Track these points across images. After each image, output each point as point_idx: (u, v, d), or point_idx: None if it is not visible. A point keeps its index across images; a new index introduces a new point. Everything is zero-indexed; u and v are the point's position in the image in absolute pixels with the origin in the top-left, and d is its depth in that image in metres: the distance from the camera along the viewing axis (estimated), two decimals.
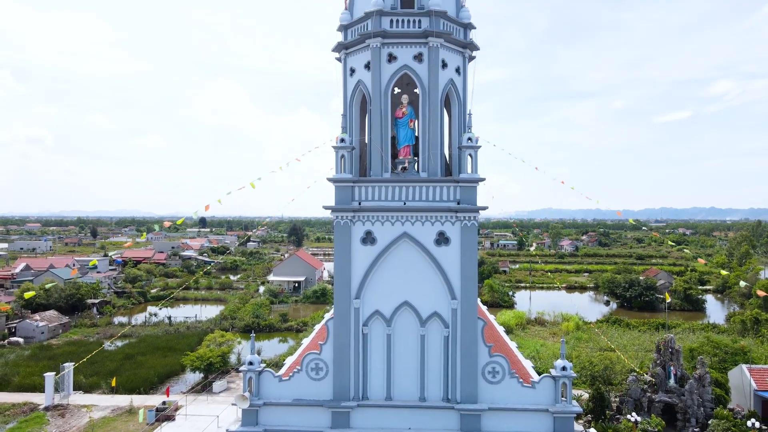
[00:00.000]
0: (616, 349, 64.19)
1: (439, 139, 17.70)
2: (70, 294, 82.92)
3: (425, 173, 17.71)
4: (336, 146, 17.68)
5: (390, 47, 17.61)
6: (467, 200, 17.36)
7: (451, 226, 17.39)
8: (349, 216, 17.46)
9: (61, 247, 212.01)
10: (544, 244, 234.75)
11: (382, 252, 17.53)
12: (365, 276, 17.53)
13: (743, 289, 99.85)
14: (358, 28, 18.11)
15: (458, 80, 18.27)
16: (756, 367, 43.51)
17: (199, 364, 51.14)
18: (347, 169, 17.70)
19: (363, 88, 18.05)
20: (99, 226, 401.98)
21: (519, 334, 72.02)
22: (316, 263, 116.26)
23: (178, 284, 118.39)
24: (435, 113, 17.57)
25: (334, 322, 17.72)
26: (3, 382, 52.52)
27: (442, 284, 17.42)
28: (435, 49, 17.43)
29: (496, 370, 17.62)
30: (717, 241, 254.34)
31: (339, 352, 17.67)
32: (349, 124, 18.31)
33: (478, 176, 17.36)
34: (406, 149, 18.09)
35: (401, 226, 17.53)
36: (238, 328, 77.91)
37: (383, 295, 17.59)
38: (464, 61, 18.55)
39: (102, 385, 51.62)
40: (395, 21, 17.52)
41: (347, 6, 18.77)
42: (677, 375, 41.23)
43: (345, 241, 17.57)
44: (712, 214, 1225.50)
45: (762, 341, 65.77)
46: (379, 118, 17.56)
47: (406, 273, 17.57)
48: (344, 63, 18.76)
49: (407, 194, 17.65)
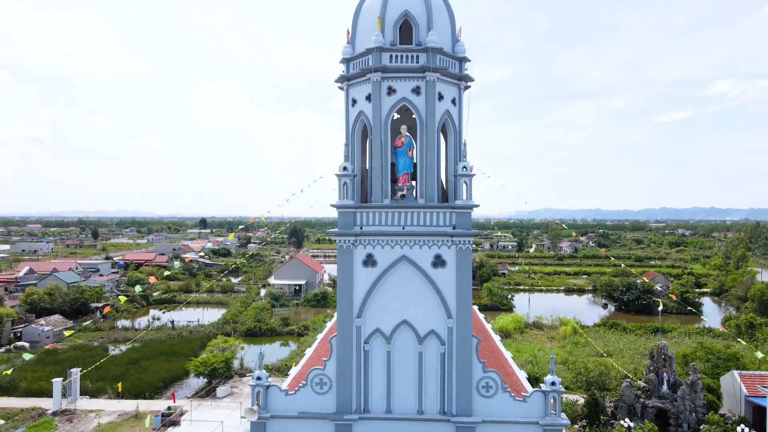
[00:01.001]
0: (613, 353, 65.36)
1: (435, 168, 18.77)
2: (74, 298, 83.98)
3: (423, 199, 18.79)
4: (339, 174, 18.77)
5: (389, 81, 18.69)
6: (462, 225, 18.45)
7: (447, 249, 18.47)
8: (351, 240, 18.55)
9: (62, 249, 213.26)
10: (543, 246, 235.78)
11: (383, 274, 18.61)
12: (366, 296, 18.61)
13: (739, 293, 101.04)
14: (359, 62, 19.18)
15: (454, 111, 19.35)
16: (747, 373, 44.57)
17: (203, 369, 52.22)
18: (349, 195, 18.78)
19: (364, 118, 19.12)
20: (100, 227, 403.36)
21: (517, 339, 73.13)
22: (316, 266, 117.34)
23: (180, 287, 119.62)
24: (432, 143, 18.65)
25: (337, 340, 18.81)
26: (11, 387, 53.64)
27: (438, 304, 18.50)
28: (432, 83, 18.51)
29: (489, 385, 18.70)
30: (716, 243, 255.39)
31: (342, 368, 18.76)
32: (351, 152, 19.38)
33: (472, 203, 18.46)
34: (405, 176, 19.18)
35: (400, 249, 18.61)
36: (240, 332, 79.03)
37: (383, 314, 18.67)
38: (460, 92, 19.63)
39: (108, 390, 52.67)
40: (394, 56, 18.59)
41: (349, 40, 19.82)
42: (670, 381, 42.33)
43: (347, 264, 18.66)
44: (712, 214, 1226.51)
45: (756, 346, 66.87)
46: (379, 148, 18.65)
47: (404, 293, 18.65)
48: (346, 94, 19.83)
49: (406, 219, 18.73)
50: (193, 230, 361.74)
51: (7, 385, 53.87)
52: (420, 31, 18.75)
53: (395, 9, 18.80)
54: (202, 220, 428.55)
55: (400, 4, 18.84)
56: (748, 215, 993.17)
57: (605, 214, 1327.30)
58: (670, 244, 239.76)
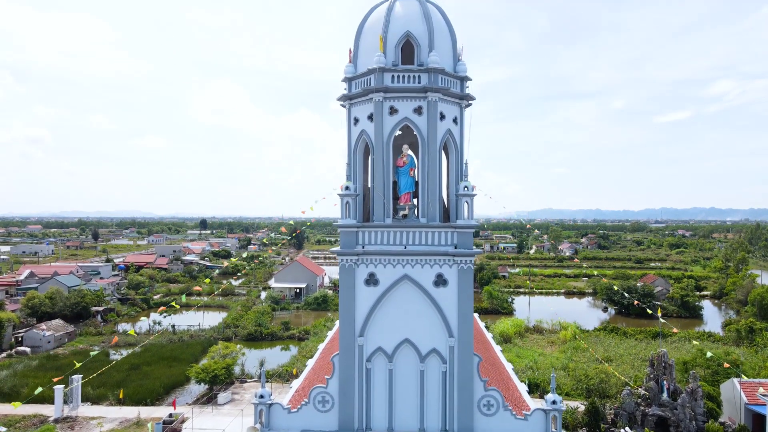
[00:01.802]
0: (613, 358, 65.48)
1: (437, 187, 18.90)
2: (75, 302, 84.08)
3: (424, 219, 18.91)
4: (341, 194, 18.89)
5: (391, 101, 18.80)
6: (464, 245, 18.57)
7: (449, 268, 18.59)
8: (354, 259, 18.66)
9: (62, 251, 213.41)
10: (543, 248, 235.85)
11: (385, 293, 18.73)
12: (368, 315, 18.73)
13: (739, 296, 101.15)
14: (361, 82, 19.29)
15: (455, 130, 19.47)
16: (747, 380, 44.64)
17: (204, 376, 52.31)
18: (352, 215, 18.91)
19: (366, 138, 19.24)
20: (100, 227, 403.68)
21: (517, 344, 73.23)
22: (317, 269, 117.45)
23: (180, 290, 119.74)
24: (434, 163, 18.77)
25: (340, 358, 18.93)
26: (12, 393, 53.74)
27: (440, 323, 18.62)
28: (434, 103, 18.62)
29: (490, 403, 18.82)
30: (716, 244, 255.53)
31: (344, 386, 18.89)
32: (353, 171, 19.51)
33: (473, 223, 18.59)
34: (407, 196, 19.29)
35: (402, 268, 18.73)
36: (240, 336, 79.16)
37: (385, 333, 18.79)
38: (461, 111, 19.75)
39: (109, 397, 52.78)
40: (396, 77, 18.71)
41: (351, 59, 19.94)
42: (670, 389, 42.43)
43: (350, 283, 18.78)
44: (712, 215, 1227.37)
45: (756, 351, 66.99)
46: (381, 167, 18.76)
47: (406, 312, 18.77)
48: (348, 112, 19.95)
49: (408, 239, 18.86)
50: (194, 231, 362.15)
51: (9, 392, 54.04)
52: (422, 51, 18.87)
53: (397, 30, 18.91)
54: (203, 221, 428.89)
55: (402, 25, 18.95)
56: (749, 215, 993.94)
57: (605, 214, 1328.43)
58: (671, 245, 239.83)
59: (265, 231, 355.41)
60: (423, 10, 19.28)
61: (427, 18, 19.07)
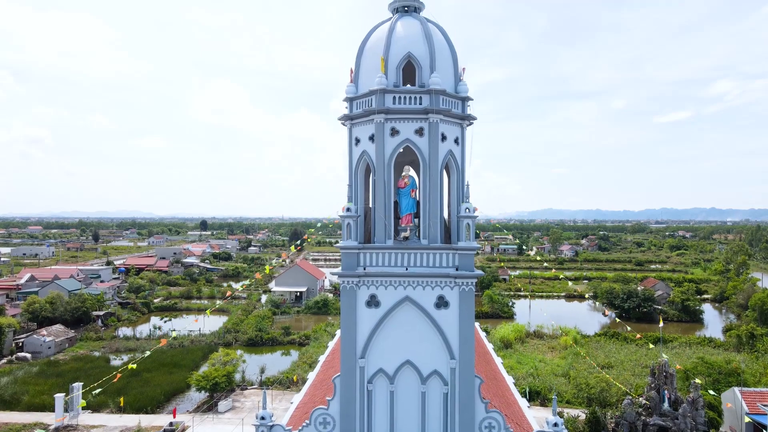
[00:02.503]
0: (614, 365, 65.47)
1: (438, 209, 18.84)
2: (76, 307, 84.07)
3: (426, 240, 18.86)
4: (343, 215, 18.86)
5: (393, 122, 18.75)
6: (465, 266, 18.53)
7: (450, 290, 18.55)
8: (355, 281, 18.63)
9: (63, 252, 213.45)
10: (544, 249, 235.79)
11: (386, 314, 18.68)
12: (370, 337, 18.68)
13: (740, 300, 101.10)
14: (363, 102, 19.25)
15: (457, 150, 19.43)
16: (748, 390, 44.67)
17: (205, 384, 52.30)
18: (353, 236, 18.86)
19: (367, 158, 19.20)
20: (100, 228, 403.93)
21: (518, 349, 73.26)
22: (317, 273, 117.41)
23: (180, 293, 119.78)
24: (435, 184, 18.72)
25: (341, 380, 18.89)
26: (13, 401, 53.71)
27: (441, 345, 18.57)
28: (435, 124, 18.58)
29: (492, 425, 18.77)
30: (716, 245, 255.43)
31: (345, 408, 18.84)
32: (354, 192, 19.46)
33: (474, 244, 18.54)
34: (408, 217, 19.23)
35: (403, 290, 18.69)
36: (241, 341, 79.18)
37: (387, 355, 18.74)
38: (462, 131, 19.70)
39: (110, 404, 52.75)
40: (398, 98, 18.66)
41: (352, 79, 19.90)
42: (671, 398, 42.39)
43: (351, 304, 18.73)
44: (713, 215, 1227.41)
45: (757, 357, 66.95)
46: (382, 189, 18.71)
47: (407, 334, 18.71)
48: (350, 132, 19.89)
49: (409, 260, 18.82)
50: (194, 232, 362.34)
51: (9, 399, 54.01)
52: (423, 72, 18.82)
53: (398, 51, 18.86)
54: (203, 222, 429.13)
55: (403, 46, 18.90)
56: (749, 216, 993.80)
57: (605, 214, 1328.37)
58: (671, 247, 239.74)
59: (266, 232, 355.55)
60: (424, 30, 19.24)
61: (429, 39, 19.03)
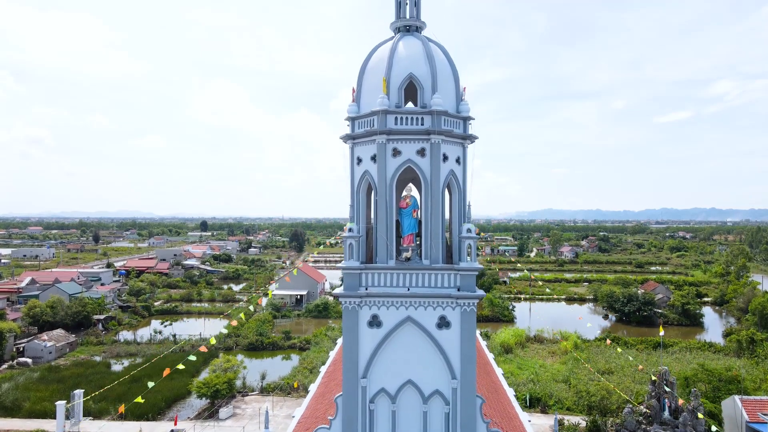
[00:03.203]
0: (614, 370, 65.52)
1: (440, 229, 18.90)
2: (77, 311, 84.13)
3: (427, 261, 18.92)
4: (345, 236, 18.93)
5: (394, 143, 18.82)
6: (467, 287, 18.59)
7: (452, 311, 18.61)
8: (357, 301, 18.69)
9: (63, 254, 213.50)
10: (544, 251, 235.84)
11: (388, 334, 18.74)
12: (372, 356, 18.74)
13: (740, 304, 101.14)
14: (365, 122, 19.31)
15: (458, 170, 19.49)
16: (748, 398, 44.67)
17: (206, 391, 52.35)
18: (355, 256, 18.92)
19: (369, 178, 19.25)
20: (100, 229, 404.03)
21: (518, 354, 73.30)
22: (317, 276, 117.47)
23: (181, 296, 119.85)
24: (437, 205, 18.78)
25: (343, 399, 18.95)
26: (14, 407, 53.80)
27: (443, 364, 18.64)
28: (437, 145, 18.64)
29: None
30: (717, 246, 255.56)
31: (347, 427, 18.90)
32: (356, 212, 19.53)
33: (476, 265, 18.61)
34: (410, 237, 19.30)
35: (405, 310, 18.75)
36: (242, 345, 79.25)
37: (388, 374, 18.80)
38: (464, 151, 19.76)
39: (111, 411, 52.88)
40: (399, 119, 18.73)
41: (354, 98, 19.96)
42: (671, 407, 42.42)
43: (353, 325, 18.79)
44: (713, 215, 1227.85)
45: (757, 362, 67.00)
46: (384, 209, 18.78)
47: (409, 354, 18.78)
48: (351, 152, 19.95)
49: (411, 281, 18.88)
50: (194, 233, 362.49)
51: (11, 406, 54.09)
52: (425, 93, 18.88)
53: (400, 72, 18.91)
54: (203, 223, 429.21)
55: (405, 67, 18.95)
56: (749, 216, 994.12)
57: (606, 214, 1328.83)
58: (671, 248, 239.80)
59: (266, 233, 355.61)
60: (426, 51, 19.29)
61: (430, 59, 19.08)
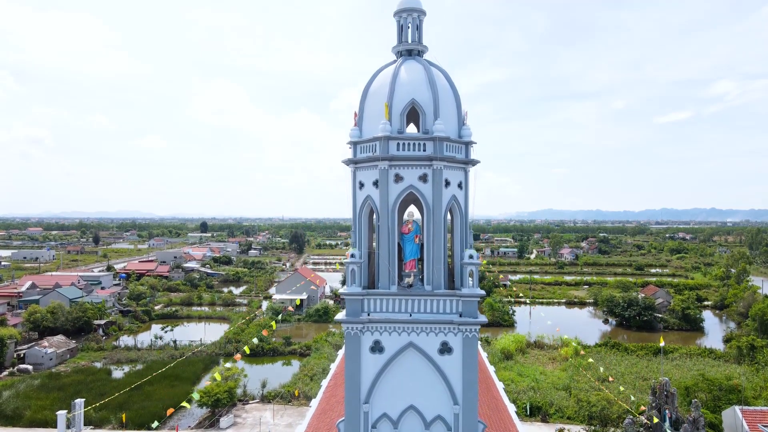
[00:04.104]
0: (614, 377, 65.56)
1: (442, 254, 18.89)
2: (77, 317, 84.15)
3: (429, 286, 18.93)
4: (347, 262, 18.95)
5: (397, 168, 18.80)
6: (468, 313, 18.60)
7: (454, 336, 18.62)
8: (359, 327, 18.71)
9: (63, 255, 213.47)
10: (544, 252, 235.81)
11: (390, 360, 18.73)
12: (374, 382, 18.74)
13: (741, 308, 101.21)
14: (367, 147, 19.29)
15: (460, 195, 19.48)
16: (748, 408, 44.78)
17: (207, 400, 52.41)
18: (357, 282, 18.93)
19: (371, 203, 19.25)
20: (100, 229, 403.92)
21: (519, 360, 73.38)
22: (318, 280, 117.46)
23: (181, 300, 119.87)
24: (439, 230, 18.77)
25: (345, 425, 18.95)
26: (15, 416, 53.87)
27: (445, 390, 18.64)
28: (439, 171, 18.64)
29: None
30: (717, 248, 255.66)
31: None
32: (358, 238, 19.54)
33: (478, 291, 18.60)
34: (412, 263, 19.30)
35: (407, 336, 18.75)
36: (242, 352, 79.22)
37: (390, 400, 18.80)
38: (466, 175, 19.75)
39: (112, 420, 52.95)
40: (401, 144, 18.73)
41: (356, 122, 19.96)
42: (672, 418, 42.50)
43: (355, 351, 18.79)
44: (713, 215, 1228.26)
45: (757, 369, 67.07)
46: (386, 235, 18.77)
47: (411, 379, 18.77)
48: (354, 176, 19.94)
49: (413, 306, 18.88)
50: (194, 234, 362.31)
51: (12, 414, 54.17)
52: (427, 119, 18.87)
53: (403, 97, 18.91)
54: (203, 224, 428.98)
55: (407, 92, 18.95)
56: (749, 216, 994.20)
57: (606, 215, 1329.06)
58: (671, 250, 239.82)
59: (266, 234, 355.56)
60: (428, 76, 19.28)
61: (432, 84, 19.07)
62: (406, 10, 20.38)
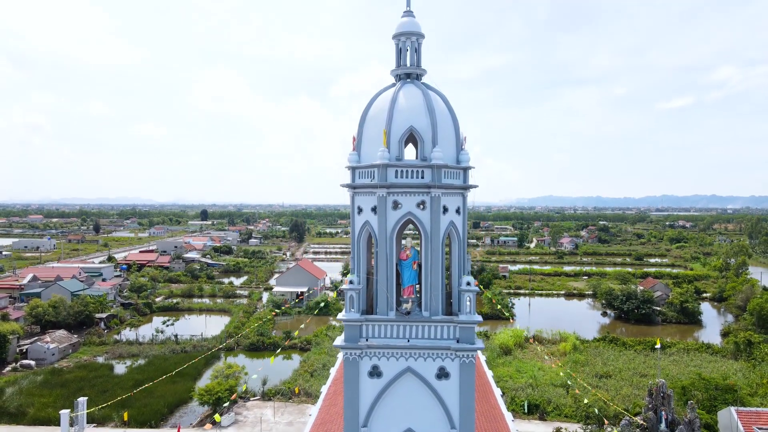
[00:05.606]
0: (612, 374, 66.14)
1: (440, 281, 19.04)
2: (79, 311, 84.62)
3: (427, 312, 19.11)
4: (346, 288, 19.11)
5: (395, 195, 18.88)
6: (466, 339, 18.80)
7: (451, 362, 18.85)
8: (357, 352, 18.93)
9: (64, 245, 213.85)
10: (544, 242, 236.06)
11: (388, 385, 18.99)
12: (372, 406, 19.01)
13: (739, 301, 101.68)
14: (365, 173, 19.34)
15: (458, 220, 19.57)
16: (744, 409, 45.16)
17: (208, 398, 52.92)
18: (356, 307, 19.11)
19: (370, 229, 19.35)
20: (101, 217, 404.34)
21: (517, 355, 73.90)
22: (318, 272, 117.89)
23: (182, 291, 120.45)
24: (437, 257, 18.90)
25: None
26: (18, 413, 54.45)
27: (442, 414, 18.91)
28: (437, 198, 18.71)
29: None
30: (716, 237, 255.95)
31: None
32: (357, 264, 19.67)
33: (476, 318, 18.78)
34: (410, 289, 19.47)
35: (405, 361, 19.00)
36: (243, 346, 79.87)
37: (389, 423, 19.08)
38: (464, 200, 19.81)
39: (114, 418, 53.49)
40: (400, 171, 18.80)
41: (355, 147, 19.99)
42: (668, 419, 42.99)
43: (353, 376, 19.04)
44: (713, 202, 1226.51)
45: (754, 365, 67.59)
46: (384, 261, 18.91)
47: (409, 403, 19.05)
48: (352, 201, 20.02)
49: (411, 332, 19.08)
50: (195, 221, 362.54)
51: (15, 412, 54.74)
52: (425, 146, 18.90)
53: (401, 124, 18.91)
54: (203, 212, 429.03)
55: (405, 120, 18.95)
56: (750, 203, 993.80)
57: (606, 201, 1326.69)
58: (671, 239, 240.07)
59: (266, 222, 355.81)
60: (426, 102, 19.27)
61: (431, 111, 19.06)
62: (405, 33, 20.32)
